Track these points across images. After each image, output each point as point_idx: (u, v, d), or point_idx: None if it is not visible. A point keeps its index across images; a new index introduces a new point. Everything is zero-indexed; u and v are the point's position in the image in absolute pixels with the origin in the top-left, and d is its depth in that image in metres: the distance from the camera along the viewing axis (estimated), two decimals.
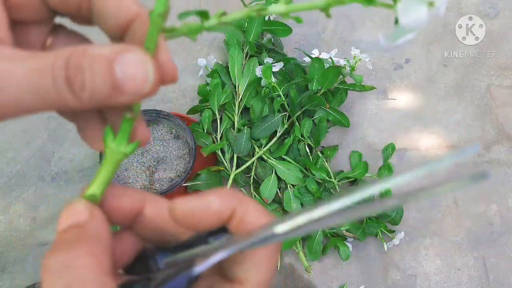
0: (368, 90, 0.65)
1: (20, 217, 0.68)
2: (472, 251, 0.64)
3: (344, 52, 0.71)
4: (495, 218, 0.65)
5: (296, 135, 0.63)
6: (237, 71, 0.64)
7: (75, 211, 0.17)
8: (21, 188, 0.69)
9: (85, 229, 0.17)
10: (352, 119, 0.68)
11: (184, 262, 0.18)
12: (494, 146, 0.68)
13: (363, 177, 0.64)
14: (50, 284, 0.15)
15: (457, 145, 0.69)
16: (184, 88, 0.73)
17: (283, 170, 0.61)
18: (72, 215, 0.17)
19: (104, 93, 0.16)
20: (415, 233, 0.64)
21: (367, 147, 0.69)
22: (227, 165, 0.62)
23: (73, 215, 0.17)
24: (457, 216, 0.65)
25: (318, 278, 0.62)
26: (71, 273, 0.15)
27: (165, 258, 0.19)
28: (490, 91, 0.71)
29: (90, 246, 0.16)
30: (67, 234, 0.17)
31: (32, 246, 0.66)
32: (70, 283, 0.15)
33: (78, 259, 0.15)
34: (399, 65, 0.73)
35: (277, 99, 0.62)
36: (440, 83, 0.72)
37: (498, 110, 0.70)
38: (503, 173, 0.67)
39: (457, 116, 0.70)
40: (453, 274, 0.63)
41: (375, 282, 0.62)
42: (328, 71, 0.62)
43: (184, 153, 0.58)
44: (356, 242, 0.63)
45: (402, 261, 0.63)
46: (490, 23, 0.74)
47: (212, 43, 0.76)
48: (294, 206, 0.60)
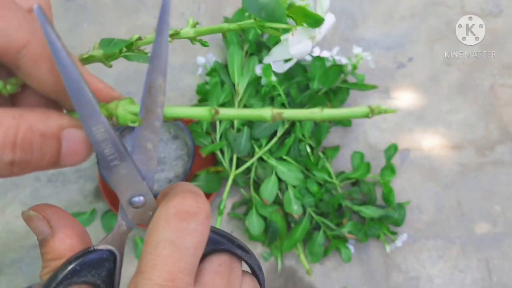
0: (370, 89, 0.64)
1: (17, 218, 0.67)
2: (475, 252, 0.63)
3: (345, 51, 0.70)
4: (499, 219, 0.64)
5: (296, 135, 0.61)
6: (237, 70, 0.63)
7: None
8: (17, 189, 0.68)
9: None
10: (354, 119, 0.67)
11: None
12: (498, 146, 0.67)
13: (365, 178, 0.63)
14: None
15: (461, 145, 0.68)
16: (183, 87, 0.72)
17: (283, 171, 0.60)
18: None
19: (41, 168, 0.16)
20: (418, 235, 0.64)
21: (369, 147, 0.68)
22: (226, 166, 0.61)
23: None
24: (460, 217, 0.64)
25: (319, 281, 0.61)
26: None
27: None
28: (494, 91, 0.70)
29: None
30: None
31: (28, 248, 0.66)
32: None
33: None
34: (402, 64, 0.72)
35: (278, 98, 0.61)
36: (444, 82, 0.71)
37: (502, 109, 0.69)
38: (507, 173, 0.66)
39: (460, 115, 0.69)
40: (456, 276, 0.62)
41: (377, 285, 0.62)
42: (330, 69, 0.61)
43: (182, 153, 0.57)
44: (358, 244, 0.62)
45: (404, 263, 0.62)
46: (493, 22, 0.73)
47: (211, 41, 0.75)
48: (295, 207, 0.59)
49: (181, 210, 0.18)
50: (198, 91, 0.66)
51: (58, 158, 0.16)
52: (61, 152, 0.16)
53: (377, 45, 0.73)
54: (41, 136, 0.15)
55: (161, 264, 0.16)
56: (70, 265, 0.18)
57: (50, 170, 0.69)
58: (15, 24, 0.15)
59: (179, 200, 0.18)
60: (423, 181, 0.66)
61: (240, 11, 0.70)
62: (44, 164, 0.16)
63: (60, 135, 0.16)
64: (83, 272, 0.18)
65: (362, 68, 0.68)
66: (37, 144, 0.15)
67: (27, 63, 0.15)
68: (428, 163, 0.67)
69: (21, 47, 0.15)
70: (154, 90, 0.18)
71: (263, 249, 0.62)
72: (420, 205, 0.65)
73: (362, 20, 0.75)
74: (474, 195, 0.65)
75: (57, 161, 0.16)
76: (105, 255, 0.19)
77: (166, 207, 0.18)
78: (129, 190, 0.19)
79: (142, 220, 0.20)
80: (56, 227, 0.19)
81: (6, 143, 0.14)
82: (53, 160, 0.16)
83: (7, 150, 0.14)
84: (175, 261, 0.17)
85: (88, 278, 0.18)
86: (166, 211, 0.18)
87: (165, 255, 0.17)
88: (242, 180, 0.62)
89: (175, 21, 0.18)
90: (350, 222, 0.60)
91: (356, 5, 0.76)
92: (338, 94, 0.65)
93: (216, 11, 0.75)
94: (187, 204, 0.18)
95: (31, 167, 0.15)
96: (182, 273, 0.17)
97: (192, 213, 0.18)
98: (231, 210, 0.63)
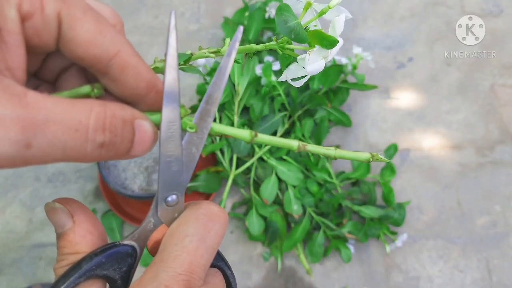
0: (370, 89, 0.64)
1: (17, 218, 0.67)
2: (475, 252, 0.63)
3: (345, 51, 0.70)
4: (499, 219, 0.64)
5: (297, 135, 0.61)
6: (237, 70, 0.63)
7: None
8: (18, 189, 0.68)
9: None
10: (354, 118, 0.67)
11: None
12: (497, 146, 0.67)
13: (365, 178, 0.63)
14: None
15: (461, 145, 0.68)
16: (183, 87, 0.72)
17: (283, 171, 0.60)
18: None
19: (120, 154, 0.17)
20: (418, 235, 0.64)
21: (369, 147, 0.68)
22: (226, 166, 0.61)
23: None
24: (460, 217, 0.64)
25: (319, 281, 0.61)
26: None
27: None
28: (494, 91, 0.70)
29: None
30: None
31: (28, 248, 0.65)
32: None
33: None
34: (402, 64, 0.72)
35: (278, 98, 0.61)
36: (444, 82, 0.71)
37: (502, 109, 0.69)
38: (507, 173, 0.66)
39: (460, 115, 0.69)
40: (456, 276, 0.62)
41: (377, 285, 0.61)
42: (330, 69, 0.61)
43: None
44: (358, 244, 0.62)
45: (404, 263, 0.62)
46: (493, 22, 0.73)
47: (211, 41, 0.75)
48: (295, 208, 0.59)
49: (210, 211, 0.19)
50: (198, 91, 0.66)
51: (132, 145, 0.18)
52: (134, 140, 0.18)
53: (377, 45, 0.73)
54: (122, 122, 0.17)
55: (185, 256, 0.18)
56: (96, 257, 0.18)
57: (50, 170, 0.69)
58: (109, 37, 0.17)
59: (207, 204, 0.20)
60: (423, 181, 0.66)
61: (239, 11, 0.70)
62: (122, 149, 0.17)
63: (134, 124, 0.18)
64: (107, 265, 0.19)
65: (362, 68, 0.68)
66: (120, 128, 0.17)
67: (115, 70, 0.18)
68: (428, 163, 0.67)
69: (112, 56, 0.18)
70: (211, 101, 0.20)
71: (263, 249, 0.62)
72: (420, 205, 0.65)
73: (362, 20, 0.75)
74: (474, 195, 0.65)
75: (131, 148, 0.18)
76: (129, 250, 0.19)
77: (197, 207, 0.20)
78: (170, 187, 0.20)
79: (168, 220, 0.20)
80: (79, 221, 0.19)
81: (98, 126, 0.16)
82: (129, 146, 0.17)
83: (99, 132, 0.16)
84: (198, 256, 0.18)
85: (109, 272, 0.19)
86: (196, 210, 0.20)
87: (191, 248, 0.18)
88: (242, 180, 0.62)
89: (179, 23, 0.19)
90: (350, 222, 0.60)
91: (356, 5, 0.76)
92: (338, 94, 0.65)
93: (216, 11, 0.75)
94: (214, 208, 0.20)
95: (114, 151, 0.17)
96: (200, 268, 0.18)
97: (218, 216, 0.19)
98: (231, 210, 0.63)
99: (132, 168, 0.56)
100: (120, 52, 0.18)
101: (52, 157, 0.15)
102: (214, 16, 0.74)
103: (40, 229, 0.67)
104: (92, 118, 0.16)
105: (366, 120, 0.69)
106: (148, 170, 0.57)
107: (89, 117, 0.16)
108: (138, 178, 0.56)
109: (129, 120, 0.17)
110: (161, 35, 0.75)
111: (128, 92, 0.19)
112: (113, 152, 0.17)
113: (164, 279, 0.17)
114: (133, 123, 0.17)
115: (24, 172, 0.69)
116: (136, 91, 0.19)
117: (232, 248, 0.62)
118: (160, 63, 0.23)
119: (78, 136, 0.16)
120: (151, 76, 0.19)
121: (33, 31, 0.17)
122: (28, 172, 0.69)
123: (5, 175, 0.69)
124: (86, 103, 0.16)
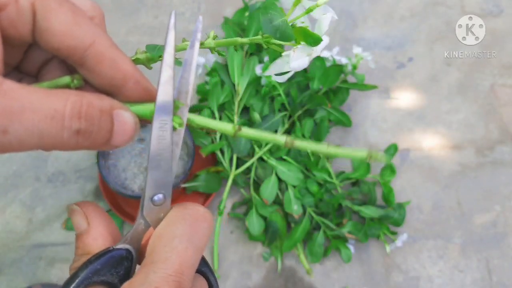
0: (370, 89, 0.64)
1: (17, 218, 0.67)
2: (475, 252, 0.63)
3: (345, 50, 0.70)
4: (499, 219, 0.64)
5: (297, 135, 0.61)
6: (237, 70, 0.63)
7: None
8: (17, 189, 0.68)
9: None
10: (354, 118, 0.67)
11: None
12: (497, 146, 0.67)
13: (365, 178, 0.63)
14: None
15: (461, 145, 0.68)
16: None
17: (283, 171, 0.60)
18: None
19: (98, 143, 0.17)
20: (417, 235, 0.64)
21: (369, 147, 0.68)
22: (226, 166, 0.61)
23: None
24: (460, 217, 0.64)
25: (319, 281, 0.61)
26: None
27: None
28: (494, 91, 0.70)
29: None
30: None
31: (28, 248, 0.65)
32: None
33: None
34: (402, 64, 0.72)
35: (278, 98, 0.61)
36: (444, 82, 0.71)
37: (502, 109, 0.69)
38: (507, 173, 0.66)
39: (460, 115, 0.69)
40: (456, 276, 0.62)
41: (377, 285, 0.61)
42: (330, 69, 0.61)
43: (182, 153, 0.57)
44: (358, 244, 0.62)
45: (404, 263, 0.62)
46: (493, 22, 0.73)
47: None
48: (295, 208, 0.59)
49: (196, 212, 0.20)
50: (198, 91, 0.66)
51: (111, 136, 0.18)
52: (113, 130, 0.18)
53: (377, 45, 0.73)
54: (99, 111, 0.17)
55: (175, 257, 0.18)
56: (91, 264, 0.18)
57: (50, 170, 0.69)
58: (84, 28, 0.18)
59: (193, 205, 0.20)
60: (423, 181, 0.66)
61: (239, 11, 0.70)
62: (100, 138, 0.17)
63: (112, 114, 0.18)
64: (103, 271, 0.19)
65: (362, 68, 0.68)
66: (96, 117, 0.17)
67: (91, 61, 0.18)
68: (428, 163, 0.67)
69: (87, 47, 0.18)
70: (182, 96, 0.20)
71: (263, 249, 0.62)
72: (420, 205, 0.65)
73: (362, 20, 0.75)
74: (474, 195, 0.65)
75: (110, 139, 0.18)
76: (124, 254, 0.19)
77: (182, 207, 0.20)
78: (157, 186, 0.20)
79: (153, 220, 0.20)
80: (92, 224, 0.20)
81: (74, 114, 0.16)
82: (107, 136, 0.18)
83: (75, 119, 0.16)
84: (188, 256, 0.18)
85: (107, 277, 0.19)
86: (182, 211, 0.20)
87: (180, 249, 0.18)
88: (242, 180, 0.62)
89: (179, 23, 0.19)
90: (350, 222, 0.60)
91: (356, 5, 0.76)
92: (338, 94, 0.65)
93: (216, 11, 0.75)
94: (200, 209, 0.20)
95: (91, 140, 0.17)
96: (190, 269, 0.18)
97: (204, 217, 0.20)
98: (231, 210, 0.63)
99: (132, 168, 0.56)
100: (95, 43, 0.18)
101: (29, 144, 0.16)
102: (214, 16, 0.74)
103: (40, 229, 0.67)
104: (68, 106, 0.16)
105: (366, 120, 0.69)
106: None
107: (65, 106, 0.16)
108: (138, 178, 0.56)
109: (107, 110, 0.17)
110: (161, 35, 0.75)
111: (105, 82, 0.19)
112: (90, 140, 0.17)
113: (154, 281, 0.17)
114: (112, 113, 0.18)
115: (24, 172, 0.69)
116: (113, 82, 0.19)
117: (232, 248, 0.62)
118: (141, 55, 0.22)
119: (54, 124, 0.16)
120: (128, 67, 0.19)
121: (7, 22, 0.17)
122: (28, 172, 0.69)
123: (5, 175, 0.69)
124: (63, 93, 0.16)
